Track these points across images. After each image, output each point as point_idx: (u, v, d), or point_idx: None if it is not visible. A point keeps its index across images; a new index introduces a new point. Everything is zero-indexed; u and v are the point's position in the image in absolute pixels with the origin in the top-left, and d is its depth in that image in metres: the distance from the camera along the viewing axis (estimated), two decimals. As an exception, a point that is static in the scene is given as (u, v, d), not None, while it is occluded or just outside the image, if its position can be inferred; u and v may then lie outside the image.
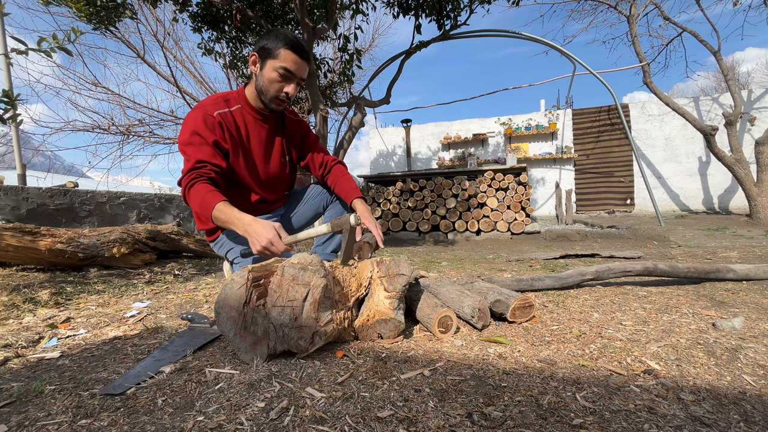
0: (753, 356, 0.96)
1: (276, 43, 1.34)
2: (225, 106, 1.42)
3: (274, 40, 1.34)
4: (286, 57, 1.34)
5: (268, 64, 1.36)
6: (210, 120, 1.35)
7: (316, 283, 1.00)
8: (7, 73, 3.64)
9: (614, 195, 8.24)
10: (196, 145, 1.31)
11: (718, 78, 16.44)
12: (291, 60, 1.34)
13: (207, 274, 2.46)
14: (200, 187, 1.25)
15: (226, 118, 1.40)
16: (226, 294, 0.98)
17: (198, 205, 1.25)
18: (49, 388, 0.85)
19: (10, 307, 1.54)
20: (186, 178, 1.27)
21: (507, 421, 0.69)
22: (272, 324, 0.97)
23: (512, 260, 2.89)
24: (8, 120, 1.84)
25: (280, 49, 1.34)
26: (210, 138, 1.33)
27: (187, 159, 1.31)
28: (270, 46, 1.34)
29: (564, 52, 5.76)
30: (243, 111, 1.46)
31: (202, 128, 1.33)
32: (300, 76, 1.40)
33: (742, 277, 1.74)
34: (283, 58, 1.34)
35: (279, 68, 1.34)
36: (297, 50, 1.35)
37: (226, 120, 1.39)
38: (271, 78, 1.36)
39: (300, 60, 1.36)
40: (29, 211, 2.75)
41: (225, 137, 1.38)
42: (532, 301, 1.27)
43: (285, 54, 1.34)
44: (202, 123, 1.33)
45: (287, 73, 1.36)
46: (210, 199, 1.23)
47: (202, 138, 1.32)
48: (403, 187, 5.54)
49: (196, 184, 1.26)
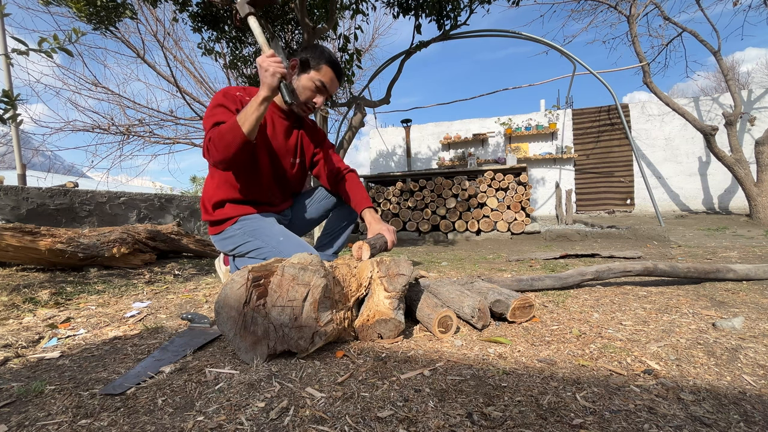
0: (753, 356, 0.96)
1: (321, 58, 1.47)
2: (248, 96, 1.50)
3: (319, 55, 1.47)
4: (326, 73, 1.48)
5: (308, 74, 1.48)
6: (232, 94, 1.45)
7: (316, 283, 1.00)
8: (7, 73, 3.64)
9: (614, 195, 8.24)
10: (218, 115, 1.39)
11: (718, 78, 16.44)
12: (329, 77, 1.49)
13: (207, 274, 2.46)
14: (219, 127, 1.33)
15: (249, 97, 1.48)
16: (226, 294, 0.98)
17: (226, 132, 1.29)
18: (49, 388, 0.85)
19: (10, 307, 1.54)
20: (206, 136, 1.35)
21: (507, 421, 0.69)
22: (272, 324, 0.97)
23: (512, 260, 2.89)
24: (8, 120, 1.84)
25: (323, 64, 1.47)
26: (233, 107, 1.41)
27: (210, 124, 1.37)
28: (314, 59, 1.47)
29: (564, 52, 5.76)
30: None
31: (224, 101, 1.42)
32: (331, 92, 1.53)
33: (742, 277, 1.74)
34: (323, 73, 1.47)
35: (317, 80, 1.47)
36: (337, 70, 1.50)
37: (248, 100, 1.46)
38: (307, 86, 1.48)
39: (336, 79, 1.52)
40: (29, 211, 2.75)
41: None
42: (532, 301, 1.27)
43: (326, 70, 1.47)
44: (223, 97, 1.43)
45: (323, 87, 1.49)
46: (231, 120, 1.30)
47: (225, 108, 1.41)
48: (403, 187, 5.54)
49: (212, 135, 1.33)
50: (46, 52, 1.80)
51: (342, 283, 1.16)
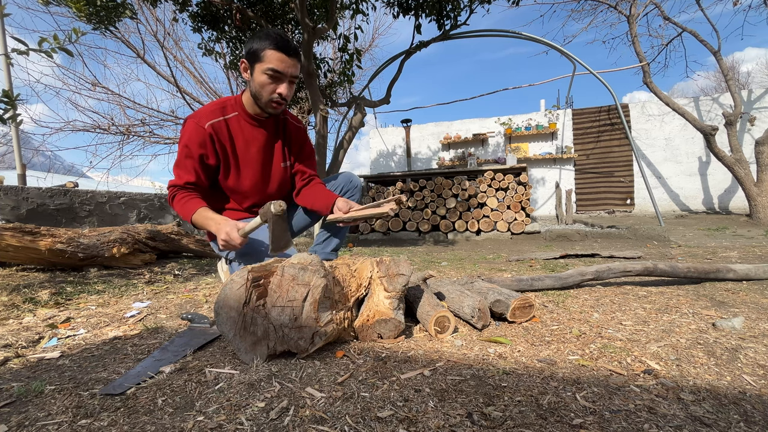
0: (753, 356, 0.96)
1: (260, 45, 1.30)
2: (221, 114, 1.42)
3: (258, 42, 1.31)
4: (271, 57, 1.30)
5: (257, 68, 1.33)
6: (200, 134, 1.38)
7: (316, 283, 1.00)
8: (7, 73, 3.64)
9: (614, 195, 8.24)
10: (182, 167, 1.41)
11: (718, 78, 16.43)
12: (277, 59, 1.30)
13: (207, 274, 2.46)
14: (181, 195, 1.39)
15: (219, 128, 1.41)
16: (225, 294, 0.97)
17: (181, 210, 1.39)
18: (49, 388, 0.85)
19: (10, 307, 1.54)
20: (170, 191, 1.42)
21: (507, 421, 0.69)
22: (272, 324, 0.97)
23: (512, 260, 2.89)
24: (8, 120, 1.84)
25: (265, 50, 1.30)
26: (196, 153, 1.39)
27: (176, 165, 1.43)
28: (255, 49, 1.31)
29: (564, 52, 5.76)
30: (239, 118, 1.45)
31: (190, 147, 1.39)
32: (291, 74, 1.35)
33: (742, 277, 1.74)
34: (269, 59, 1.30)
35: (267, 70, 1.31)
36: (283, 48, 1.30)
37: (218, 130, 1.41)
38: (262, 81, 1.33)
39: (288, 58, 1.32)
40: (29, 211, 2.75)
41: (215, 148, 1.42)
42: (532, 301, 1.27)
43: (270, 54, 1.30)
44: (188, 142, 1.40)
45: (276, 74, 1.32)
46: (190, 206, 1.37)
47: (190, 158, 1.40)
48: (403, 187, 5.54)
49: (177, 194, 1.40)
50: (46, 52, 1.80)
51: (342, 283, 1.16)
